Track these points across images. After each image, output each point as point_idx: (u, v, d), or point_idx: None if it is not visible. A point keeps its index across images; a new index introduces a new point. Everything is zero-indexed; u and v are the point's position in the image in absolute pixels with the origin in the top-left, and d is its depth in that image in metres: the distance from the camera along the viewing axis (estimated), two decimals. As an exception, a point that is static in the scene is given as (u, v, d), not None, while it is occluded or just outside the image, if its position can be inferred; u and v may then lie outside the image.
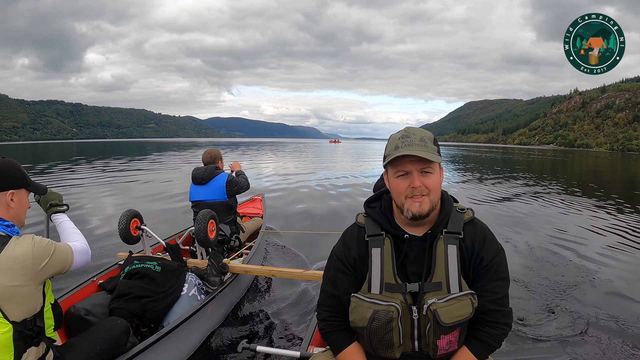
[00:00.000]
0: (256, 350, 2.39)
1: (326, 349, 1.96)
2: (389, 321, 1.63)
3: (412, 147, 1.57)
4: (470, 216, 1.73)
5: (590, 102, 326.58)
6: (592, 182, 20.96)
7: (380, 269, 1.68)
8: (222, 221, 4.66)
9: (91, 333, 2.41)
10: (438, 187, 1.64)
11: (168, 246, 3.86)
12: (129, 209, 4.05)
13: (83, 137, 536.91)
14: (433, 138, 1.64)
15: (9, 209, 2.00)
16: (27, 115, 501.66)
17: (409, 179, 1.60)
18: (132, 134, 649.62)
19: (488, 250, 1.67)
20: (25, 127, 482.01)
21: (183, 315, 3.14)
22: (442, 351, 1.67)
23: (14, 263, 1.84)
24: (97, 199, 11.74)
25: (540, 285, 5.07)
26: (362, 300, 1.68)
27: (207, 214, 3.93)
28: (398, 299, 1.64)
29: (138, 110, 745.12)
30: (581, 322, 4.05)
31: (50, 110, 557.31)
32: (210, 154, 4.93)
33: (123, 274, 3.48)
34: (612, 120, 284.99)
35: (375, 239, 1.72)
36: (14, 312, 1.84)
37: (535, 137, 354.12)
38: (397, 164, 1.60)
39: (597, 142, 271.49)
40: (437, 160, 1.59)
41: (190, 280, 3.57)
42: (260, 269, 4.15)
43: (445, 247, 1.65)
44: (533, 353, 3.50)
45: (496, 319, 1.68)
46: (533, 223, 8.98)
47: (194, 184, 4.79)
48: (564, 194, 14.34)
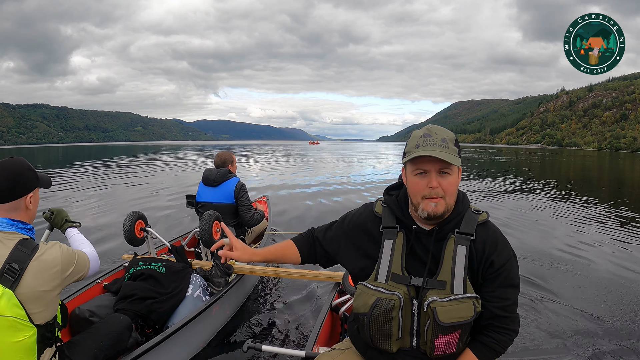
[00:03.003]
0: (261, 350, 2.40)
1: (332, 349, 1.96)
2: (389, 310, 1.63)
3: (433, 147, 1.56)
4: (485, 218, 1.71)
5: (577, 101, 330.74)
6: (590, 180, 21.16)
7: (390, 260, 1.69)
8: (227, 224, 4.64)
9: (94, 330, 2.46)
10: (454, 189, 1.63)
11: (173, 248, 3.85)
12: (134, 210, 4.03)
13: (69, 141, 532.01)
14: (455, 139, 1.63)
15: (28, 212, 2.03)
16: (12, 119, 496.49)
17: (426, 178, 1.59)
18: (119, 138, 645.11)
19: (499, 255, 1.65)
20: (11, 132, 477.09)
21: (188, 316, 3.12)
22: (439, 351, 1.65)
23: (45, 268, 1.90)
24: (96, 202, 11.65)
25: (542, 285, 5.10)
26: (368, 287, 1.68)
27: (212, 215, 3.91)
28: (402, 290, 1.64)
29: (124, 114, 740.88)
30: (583, 323, 4.09)
31: (35, 114, 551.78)
32: (221, 157, 4.91)
33: (128, 276, 3.47)
34: (600, 119, 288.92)
35: (389, 231, 1.73)
36: (39, 316, 1.89)
37: (523, 136, 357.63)
38: (416, 162, 1.60)
39: (585, 140, 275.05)
40: (457, 162, 1.58)
41: (195, 282, 3.56)
42: (265, 270, 4.14)
43: (454, 247, 1.64)
44: (537, 354, 3.51)
45: (505, 324, 1.67)
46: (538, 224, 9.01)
47: (204, 184, 4.75)
48: (568, 194, 14.46)
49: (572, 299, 4.63)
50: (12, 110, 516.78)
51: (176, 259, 3.76)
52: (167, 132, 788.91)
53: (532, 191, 14.80)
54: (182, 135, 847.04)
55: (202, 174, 4.78)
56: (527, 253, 6.34)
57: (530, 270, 5.51)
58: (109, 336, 2.43)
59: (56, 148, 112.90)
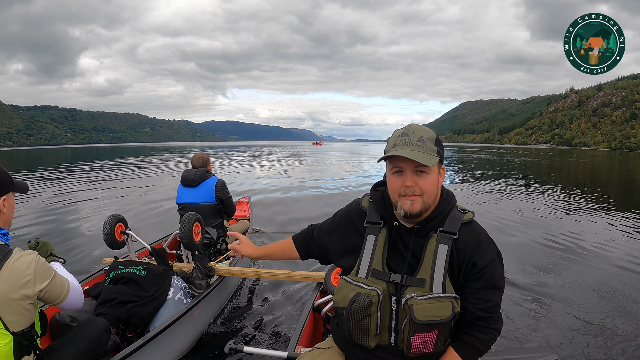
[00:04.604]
0: (243, 351, 2.39)
1: (313, 349, 1.96)
2: (368, 305, 1.64)
3: (408, 147, 1.56)
4: (470, 218, 1.69)
5: (586, 101, 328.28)
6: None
7: (371, 255, 1.70)
8: (209, 224, 4.62)
9: (72, 334, 2.41)
10: (433, 189, 1.62)
11: (154, 250, 3.85)
12: (114, 213, 4.02)
13: (77, 142, 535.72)
14: (435, 138, 1.62)
15: (2, 215, 1.98)
16: (21, 120, 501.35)
17: (402, 177, 1.59)
18: (127, 139, 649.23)
19: (482, 256, 1.62)
20: (20, 133, 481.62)
21: (169, 320, 3.11)
22: (416, 350, 1.64)
23: (17, 276, 1.82)
24: (87, 202, 11.78)
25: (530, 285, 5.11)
26: (348, 282, 1.70)
27: (192, 217, 3.91)
28: (381, 286, 1.65)
29: (132, 115, 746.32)
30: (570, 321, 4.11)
31: (44, 116, 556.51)
32: (201, 158, 4.90)
33: (108, 280, 3.46)
34: (609, 118, 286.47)
35: (373, 226, 1.74)
36: (14, 324, 1.83)
37: (532, 136, 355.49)
38: (392, 161, 1.61)
39: (595, 140, 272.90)
40: (432, 162, 1.56)
41: (175, 284, 3.56)
42: (246, 271, 4.15)
43: (436, 246, 1.63)
44: (520, 353, 3.49)
45: (487, 324, 1.67)
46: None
47: (183, 185, 4.73)
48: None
49: (563, 299, 4.67)
50: (21, 112, 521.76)
51: (157, 262, 3.76)
52: (175, 133, 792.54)
53: (544, 192, 14.63)
54: (191, 136, 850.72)
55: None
56: (527, 252, 6.39)
57: (520, 269, 5.61)
58: (87, 340, 2.39)
59: (65, 149, 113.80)
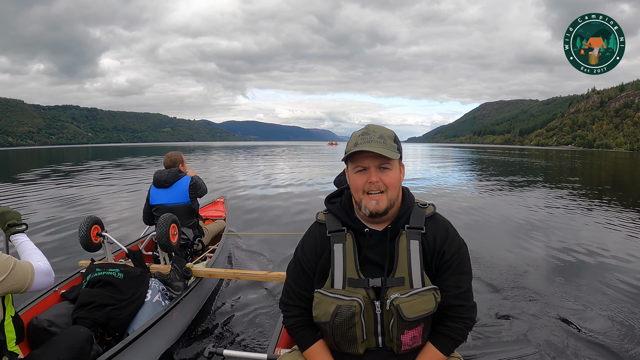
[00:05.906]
0: (223, 355, 2.37)
1: (292, 350, 1.95)
2: (351, 316, 1.64)
3: (371, 144, 1.60)
4: (432, 211, 1.75)
5: (608, 101, 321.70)
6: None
7: (343, 264, 1.69)
8: (184, 225, 4.61)
9: (54, 343, 2.36)
10: (396, 184, 1.66)
11: (130, 252, 3.84)
12: (89, 215, 3.98)
13: (98, 141, 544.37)
14: (394, 136, 1.67)
15: None
16: (43, 120, 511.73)
17: (366, 175, 1.63)
18: (147, 138, 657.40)
19: (450, 244, 1.69)
20: (41, 132, 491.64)
21: (148, 322, 3.10)
22: (406, 347, 1.68)
23: None
24: (86, 203, 11.85)
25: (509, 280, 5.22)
26: (325, 295, 1.69)
27: (169, 218, 3.91)
28: (361, 294, 1.65)
29: (153, 115, 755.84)
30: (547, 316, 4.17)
31: (65, 115, 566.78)
32: (171, 157, 4.87)
33: (85, 283, 3.41)
34: (632, 119, 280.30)
35: (337, 234, 1.73)
36: None
37: (553, 137, 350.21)
38: (355, 160, 1.64)
39: (617, 142, 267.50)
40: (395, 157, 1.61)
41: (153, 286, 3.54)
42: (224, 272, 4.13)
43: (407, 243, 1.67)
44: (499, 347, 3.47)
45: (460, 313, 1.69)
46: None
47: (156, 187, 4.70)
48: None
49: (550, 296, 4.74)
50: (43, 112, 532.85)
51: (134, 264, 3.74)
52: (195, 133, 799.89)
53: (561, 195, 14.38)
54: (211, 136, 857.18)
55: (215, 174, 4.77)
56: (524, 250, 6.50)
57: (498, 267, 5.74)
58: (69, 350, 2.35)
59: (85, 149, 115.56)
